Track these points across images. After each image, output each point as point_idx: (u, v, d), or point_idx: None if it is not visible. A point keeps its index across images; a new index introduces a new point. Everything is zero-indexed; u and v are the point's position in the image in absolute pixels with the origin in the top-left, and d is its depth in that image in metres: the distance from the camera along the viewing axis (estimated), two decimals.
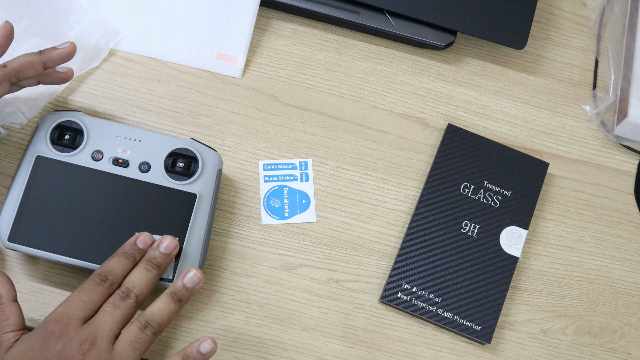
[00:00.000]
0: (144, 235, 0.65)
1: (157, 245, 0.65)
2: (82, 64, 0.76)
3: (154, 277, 0.63)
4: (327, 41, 0.82)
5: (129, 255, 0.64)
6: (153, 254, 0.64)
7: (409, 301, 0.72)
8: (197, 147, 0.70)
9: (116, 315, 0.60)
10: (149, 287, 0.63)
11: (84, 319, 0.60)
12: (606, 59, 0.84)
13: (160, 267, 0.64)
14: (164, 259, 0.64)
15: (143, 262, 0.64)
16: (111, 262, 0.63)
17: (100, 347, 0.59)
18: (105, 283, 0.61)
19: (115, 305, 0.61)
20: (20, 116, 0.73)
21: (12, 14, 0.75)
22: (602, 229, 0.79)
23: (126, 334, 0.60)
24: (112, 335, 0.60)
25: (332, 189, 0.77)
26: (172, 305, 0.62)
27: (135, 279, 0.62)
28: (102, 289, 0.61)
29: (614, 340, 0.75)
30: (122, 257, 0.63)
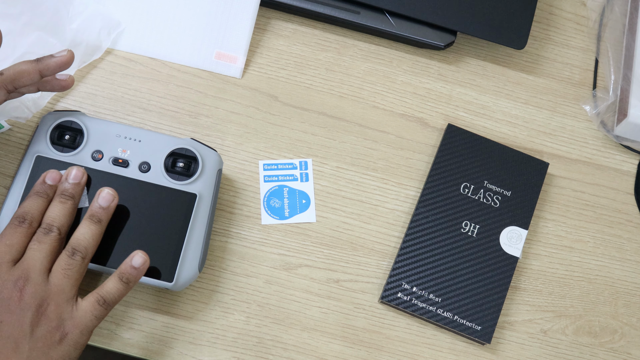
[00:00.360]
0: (51, 171, 0.66)
1: (65, 178, 0.66)
2: (84, 57, 0.76)
3: (70, 208, 0.65)
4: (327, 41, 0.82)
5: (42, 193, 0.65)
6: (64, 186, 0.66)
7: (409, 301, 0.72)
8: (197, 147, 0.70)
9: (43, 249, 0.62)
10: (67, 218, 0.64)
11: (13, 261, 0.62)
12: (606, 59, 0.84)
13: (74, 197, 0.65)
14: (75, 189, 0.66)
15: (57, 197, 0.65)
16: (26, 203, 0.64)
17: (35, 281, 0.61)
18: (25, 223, 0.63)
19: (39, 241, 0.62)
20: (25, 111, 0.73)
21: (13, 9, 0.75)
22: (602, 229, 0.79)
23: (57, 264, 0.62)
24: (44, 269, 0.62)
25: (332, 189, 0.77)
26: (93, 227, 0.64)
27: (52, 213, 0.64)
28: (23, 230, 0.63)
29: (614, 340, 0.75)
30: (35, 196, 0.65)
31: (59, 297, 0.61)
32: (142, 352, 0.70)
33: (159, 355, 0.70)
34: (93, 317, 0.62)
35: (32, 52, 0.74)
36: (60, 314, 0.61)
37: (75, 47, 0.76)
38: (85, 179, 0.67)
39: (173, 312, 0.71)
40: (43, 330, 0.60)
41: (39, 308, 0.60)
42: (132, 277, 0.63)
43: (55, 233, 0.63)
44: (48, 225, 0.63)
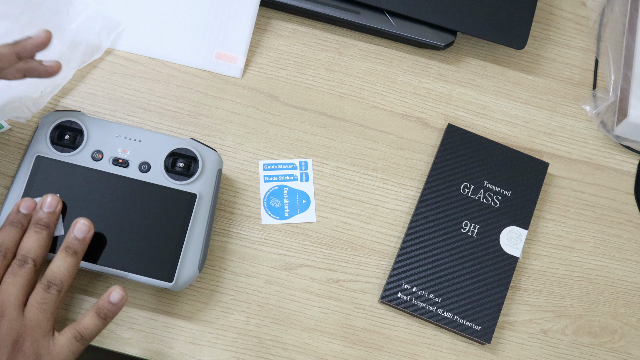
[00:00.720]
0: (25, 200, 0.65)
1: (40, 206, 0.65)
2: (84, 57, 0.76)
3: (45, 238, 0.64)
4: (327, 41, 0.82)
5: (16, 223, 0.64)
6: (38, 215, 0.64)
7: (409, 301, 0.72)
8: (197, 147, 0.70)
9: (18, 283, 0.61)
10: (43, 249, 0.63)
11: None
12: (606, 59, 0.84)
13: (49, 226, 0.64)
14: (50, 218, 0.65)
15: (31, 227, 0.64)
16: (0, 234, 0.63)
17: (11, 316, 0.59)
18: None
19: (14, 274, 0.61)
20: (25, 110, 0.73)
21: (13, 9, 0.75)
22: (602, 229, 0.79)
23: (32, 298, 0.61)
24: (19, 303, 0.60)
25: (332, 189, 0.77)
26: (68, 259, 0.63)
27: (27, 245, 0.63)
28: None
29: (614, 340, 0.75)
30: (9, 226, 0.64)
31: (35, 332, 0.60)
32: (142, 352, 0.70)
33: (159, 355, 0.70)
34: (70, 352, 0.61)
35: None
36: (37, 350, 0.60)
37: (75, 47, 0.76)
38: (60, 207, 0.65)
39: (173, 312, 0.71)
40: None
41: (14, 344, 0.59)
42: (109, 313, 0.62)
43: (30, 265, 0.62)
44: (23, 257, 0.62)
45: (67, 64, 0.76)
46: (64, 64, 0.75)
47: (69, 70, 0.76)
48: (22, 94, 0.74)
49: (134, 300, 0.71)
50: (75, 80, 0.77)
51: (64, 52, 0.75)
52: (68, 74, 0.76)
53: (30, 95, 0.74)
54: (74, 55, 0.76)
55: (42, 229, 0.64)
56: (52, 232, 0.65)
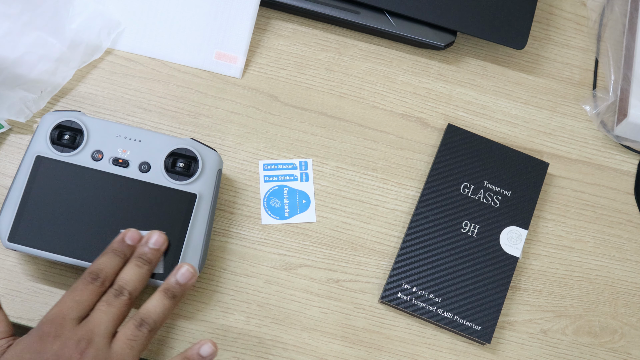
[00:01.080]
0: (132, 231, 0.65)
1: (145, 241, 0.65)
2: (84, 57, 0.76)
3: (145, 273, 0.63)
4: (327, 41, 0.82)
5: (119, 252, 0.64)
6: (143, 250, 0.64)
7: (409, 301, 0.72)
8: (197, 147, 0.70)
9: (111, 313, 0.60)
10: (141, 283, 0.63)
11: (78, 319, 0.60)
12: (606, 59, 0.84)
13: (151, 262, 0.64)
14: (154, 255, 0.64)
15: (134, 259, 0.64)
16: (101, 260, 0.63)
17: (98, 346, 0.59)
18: (97, 281, 0.61)
19: (109, 303, 0.61)
20: (25, 111, 0.73)
21: (13, 9, 0.75)
22: (602, 229, 0.79)
23: (122, 332, 0.60)
24: (109, 334, 0.60)
25: (332, 189, 0.77)
26: (166, 302, 0.62)
27: (127, 276, 0.62)
28: (94, 288, 0.61)
29: (614, 340, 0.75)
30: (111, 254, 0.63)
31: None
32: None
33: (159, 355, 0.70)
34: None
35: (32, 52, 0.74)
36: None
37: (75, 47, 0.76)
38: (165, 246, 0.65)
39: (173, 312, 0.71)
40: None
41: None
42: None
43: (126, 297, 0.61)
44: (120, 288, 0.62)
45: (67, 64, 0.76)
46: (64, 64, 0.75)
47: (69, 70, 0.76)
48: (22, 94, 0.74)
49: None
50: (75, 80, 0.77)
51: (64, 52, 0.75)
52: (68, 74, 0.76)
53: (30, 95, 0.74)
54: (74, 55, 0.76)
55: (144, 264, 0.63)
56: (152, 269, 0.64)
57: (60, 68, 0.75)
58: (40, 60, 0.75)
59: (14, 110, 0.73)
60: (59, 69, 0.75)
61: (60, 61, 0.75)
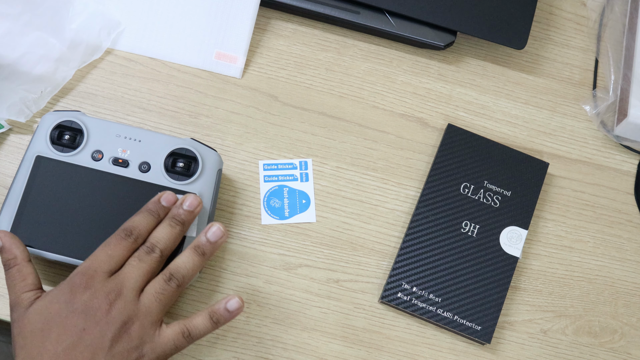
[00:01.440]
0: (168, 193, 0.66)
1: (180, 203, 0.66)
2: (84, 57, 0.76)
3: (177, 234, 0.64)
4: (327, 41, 0.82)
5: (153, 212, 0.65)
6: (177, 211, 0.65)
7: (409, 301, 0.72)
8: (197, 147, 0.70)
9: (141, 268, 0.62)
10: (173, 242, 0.64)
11: (109, 272, 0.61)
12: (606, 59, 0.84)
13: (184, 223, 0.65)
14: (187, 216, 0.65)
15: (167, 219, 0.65)
16: (136, 218, 0.64)
17: (127, 298, 0.60)
18: (130, 237, 0.63)
19: (140, 259, 0.62)
20: (25, 111, 0.73)
21: (13, 8, 0.75)
22: (602, 229, 0.79)
23: (151, 286, 0.62)
24: (138, 287, 0.61)
25: (332, 189, 0.77)
26: (195, 258, 0.63)
27: (159, 235, 0.64)
28: (127, 244, 0.63)
29: (614, 340, 0.75)
30: (146, 213, 0.65)
31: (145, 318, 0.60)
32: None
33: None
34: (173, 346, 0.61)
35: (32, 52, 0.74)
36: (142, 336, 0.60)
37: (75, 47, 0.76)
38: (200, 208, 0.66)
39: (173, 312, 0.71)
40: (122, 348, 0.59)
41: (123, 325, 0.60)
42: (222, 319, 0.63)
43: (157, 254, 0.63)
44: (152, 245, 0.63)
45: (67, 64, 0.76)
46: (64, 64, 0.76)
47: (69, 70, 0.76)
48: (22, 94, 0.74)
49: None
50: (75, 80, 0.77)
51: (64, 52, 0.75)
52: (68, 74, 0.76)
53: (30, 95, 0.74)
54: (74, 55, 0.76)
55: (177, 224, 0.65)
56: (185, 230, 0.65)
57: (60, 68, 0.75)
58: (40, 60, 0.75)
59: (14, 110, 0.73)
60: (59, 69, 0.75)
61: (60, 61, 0.75)
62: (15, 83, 0.74)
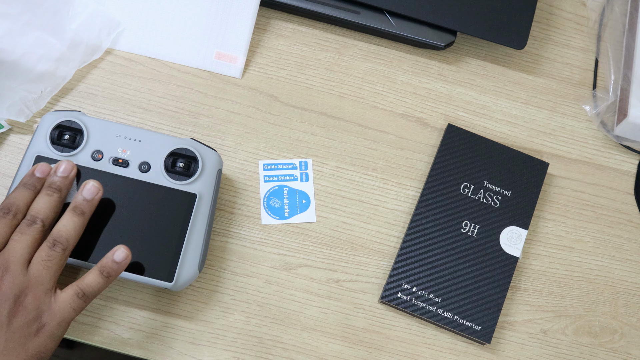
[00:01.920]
0: (41, 164, 0.65)
1: (54, 171, 0.65)
2: (84, 57, 0.76)
3: (56, 201, 0.64)
4: (327, 41, 0.82)
5: (29, 185, 0.64)
6: (52, 179, 0.65)
7: (409, 301, 0.72)
8: (197, 147, 0.70)
9: (25, 240, 0.62)
10: (53, 211, 0.64)
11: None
12: (606, 59, 0.84)
13: (61, 190, 0.65)
14: (63, 182, 0.65)
15: (44, 189, 0.65)
16: (12, 195, 0.64)
17: (14, 272, 0.60)
18: (9, 215, 0.63)
19: (22, 232, 0.62)
20: (25, 110, 0.73)
21: (13, 8, 0.75)
22: (602, 229, 0.79)
23: (37, 255, 0.62)
24: (24, 260, 0.61)
25: (332, 189, 0.77)
26: (75, 219, 0.63)
27: (38, 206, 0.63)
28: (6, 221, 0.62)
29: (614, 340, 0.75)
30: (22, 188, 0.64)
31: (37, 288, 0.61)
32: (142, 352, 0.70)
33: (159, 355, 0.70)
34: (71, 309, 0.61)
35: (32, 52, 0.74)
36: (39, 305, 0.60)
37: (75, 47, 0.76)
38: (74, 172, 0.66)
39: (173, 312, 0.71)
40: (20, 322, 0.59)
41: (17, 299, 0.60)
42: (112, 271, 0.63)
43: (39, 225, 0.63)
44: (32, 217, 0.63)
45: (67, 64, 0.76)
46: (64, 64, 0.76)
47: (69, 70, 0.76)
48: (22, 94, 0.74)
49: (134, 300, 0.71)
50: (75, 80, 0.77)
51: (64, 52, 0.75)
52: (68, 74, 0.76)
53: (30, 95, 0.74)
54: (74, 55, 0.76)
55: (53, 192, 0.64)
56: (63, 196, 0.65)
57: (60, 68, 0.75)
58: (40, 60, 0.75)
59: (14, 110, 0.73)
60: (59, 69, 0.75)
61: (60, 61, 0.75)
62: (15, 83, 0.74)
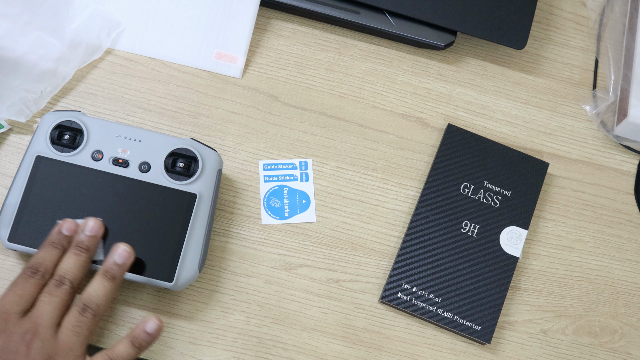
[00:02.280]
0: (68, 221, 0.65)
1: (82, 229, 0.65)
2: (84, 57, 0.76)
3: (84, 261, 0.63)
4: (327, 41, 0.82)
5: (56, 244, 0.64)
6: (80, 238, 0.64)
7: (409, 301, 0.72)
8: (197, 147, 0.70)
9: (54, 302, 0.60)
10: (81, 271, 0.63)
11: (22, 312, 0.60)
12: (606, 59, 0.84)
13: (89, 250, 0.64)
14: (91, 242, 0.64)
15: (72, 248, 0.64)
16: (40, 254, 0.63)
17: (44, 336, 0.59)
18: (37, 274, 0.62)
19: (51, 293, 0.61)
20: (25, 111, 0.73)
21: (13, 9, 0.75)
22: (602, 229, 0.79)
23: (67, 320, 0.61)
24: (54, 323, 0.60)
25: (332, 189, 0.77)
26: (106, 284, 0.62)
27: (66, 266, 0.63)
28: (34, 281, 0.61)
29: (614, 340, 0.75)
30: (50, 247, 0.63)
31: (67, 354, 0.59)
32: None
33: (159, 355, 0.70)
34: None
35: (32, 52, 0.74)
36: None
37: (75, 47, 0.76)
38: (102, 231, 0.65)
39: (173, 312, 0.71)
40: None
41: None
42: (144, 343, 0.62)
43: (67, 286, 0.61)
44: (60, 278, 0.62)
45: (67, 64, 0.76)
46: (64, 64, 0.75)
47: (69, 70, 0.76)
48: (22, 94, 0.74)
49: (134, 300, 0.71)
50: (75, 80, 0.77)
51: (64, 52, 0.75)
52: (68, 74, 0.76)
53: (30, 95, 0.74)
54: (74, 55, 0.76)
55: (82, 252, 0.63)
56: (92, 256, 0.64)
57: (60, 68, 0.75)
58: (40, 60, 0.75)
59: (14, 110, 0.73)
60: (59, 69, 0.75)
61: (60, 61, 0.75)
62: (15, 83, 0.74)
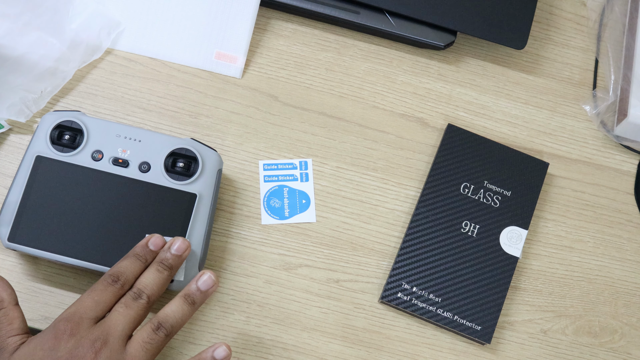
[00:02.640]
0: (155, 237, 0.65)
1: (168, 246, 0.64)
2: (84, 57, 0.76)
3: (165, 279, 0.63)
4: (327, 41, 0.82)
5: (141, 256, 0.64)
6: (165, 255, 0.64)
7: (409, 301, 0.72)
8: (197, 147, 0.70)
9: (128, 315, 0.60)
10: (160, 288, 0.63)
11: (95, 319, 0.60)
12: (606, 59, 0.84)
13: (172, 268, 0.64)
14: (175, 261, 0.64)
15: (155, 264, 0.64)
16: (123, 264, 0.63)
17: (113, 347, 0.59)
18: (117, 283, 0.62)
19: (127, 305, 0.61)
20: (25, 111, 0.73)
21: (13, 8, 0.75)
22: (602, 229, 0.79)
23: (139, 334, 0.60)
24: (124, 335, 0.60)
25: (332, 189, 0.77)
26: (185, 307, 0.62)
27: (147, 280, 0.62)
28: (113, 290, 0.61)
29: (614, 340, 0.75)
30: (133, 258, 0.63)
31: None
32: None
33: (159, 355, 0.70)
34: None
35: (32, 52, 0.74)
36: None
37: (75, 47, 0.76)
38: (187, 253, 0.65)
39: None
40: None
41: None
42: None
43: (144, 301, 0.61)
44: (139, 291, 0.62)
45: (67, 64, 0.76)
46: (64, 64, 0.76)
47: (69, 70, 0.76)
48: (22, 94, 0.74)
49: None
50: (75, 80, 0.77)
51: (64, 52, 0.75)
52: (68, 74, 0.76)
53: (30, 95, 0.74)
54: (74, 55, 0.76)
55: (164, 269, 0.63)
56: (173, 275, 0.64)
57: (60, 68, 0.75)
58: (41, 60, 0.75)
59: (14, 110, 0.73)
60: (59, 69, 0.75)
61: (60, 61, 0.75)
62: (15, 83, 0.74)
